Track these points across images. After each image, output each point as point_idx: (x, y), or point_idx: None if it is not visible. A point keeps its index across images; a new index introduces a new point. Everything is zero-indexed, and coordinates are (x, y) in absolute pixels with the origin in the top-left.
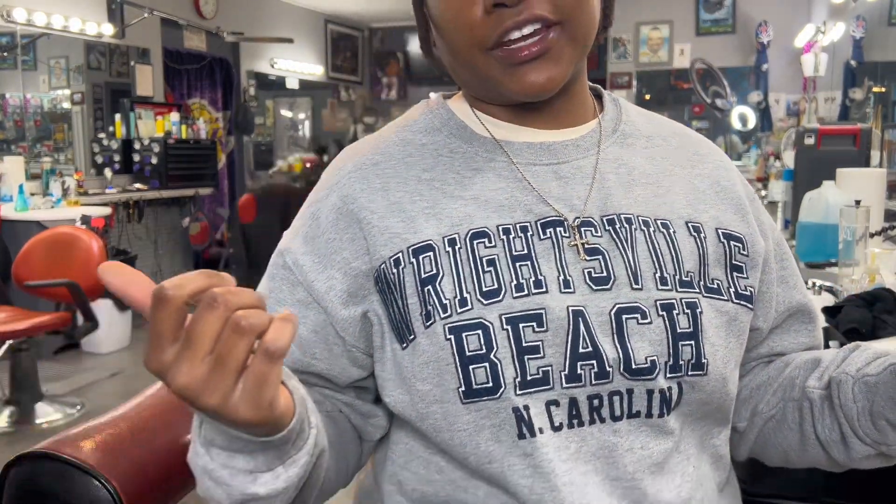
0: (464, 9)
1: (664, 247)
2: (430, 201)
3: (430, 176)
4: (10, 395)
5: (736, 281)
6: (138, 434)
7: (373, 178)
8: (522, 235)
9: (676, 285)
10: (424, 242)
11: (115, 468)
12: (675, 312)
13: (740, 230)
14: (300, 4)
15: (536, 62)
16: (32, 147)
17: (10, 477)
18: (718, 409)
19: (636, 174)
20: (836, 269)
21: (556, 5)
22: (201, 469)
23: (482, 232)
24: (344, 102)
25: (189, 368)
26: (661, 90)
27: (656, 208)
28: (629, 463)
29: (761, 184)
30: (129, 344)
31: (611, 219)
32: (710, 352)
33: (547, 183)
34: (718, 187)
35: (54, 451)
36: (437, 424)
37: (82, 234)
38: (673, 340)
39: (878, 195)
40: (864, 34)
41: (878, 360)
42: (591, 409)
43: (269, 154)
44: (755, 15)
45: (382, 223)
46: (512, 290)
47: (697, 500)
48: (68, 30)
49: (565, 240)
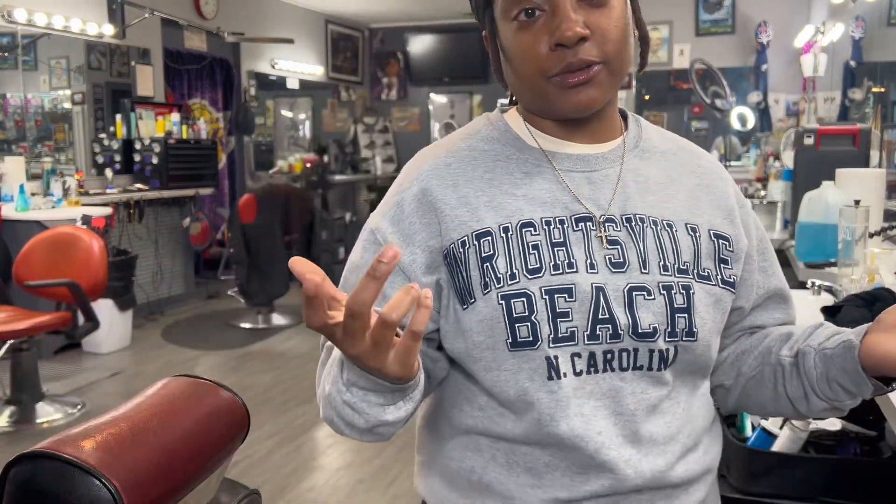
0: (534, 46)
1: (667, 242)
2: (489, 196)
3: (490, 176)
4: (11, 395)
5: (722, 271)
6: (139, 434)
7: (446, 176)
8: (560, 227)
9: (675, 272)
10: (485, 229)
11: (116, 468)
12: (674, 292)
13: (728, 231)
14: (300, 5)
15: (582, 87)
16: (33, 147)
17: (10, 476)
18: (704, 366)
19: (650, 182)
20: (835, 269)
21: (603, 50)
22: (342, 402)
23: (529, 223)
24: (344, 102)
25: (357, 342)
26: (661, 90)
27: (663, 211)
28: (630, 403)
29: (761, 184)
30: (129, 344)
31: (628, 217)
32: (700, 323)
33: (581, 186)
34: (713, 196)
35: (55, 450)
36: (487, 365)
37: (83, 234)
38: (671, 313)
39: (878, 195)
40: (864, 34)
41: (835, 337)
42: (605, 361)
43: (269, 154)
44: (755, 15)
45: (453, 212)
46: (550, 269)
47: (685, 435)
48: (69, 30)
49: (593, 232)
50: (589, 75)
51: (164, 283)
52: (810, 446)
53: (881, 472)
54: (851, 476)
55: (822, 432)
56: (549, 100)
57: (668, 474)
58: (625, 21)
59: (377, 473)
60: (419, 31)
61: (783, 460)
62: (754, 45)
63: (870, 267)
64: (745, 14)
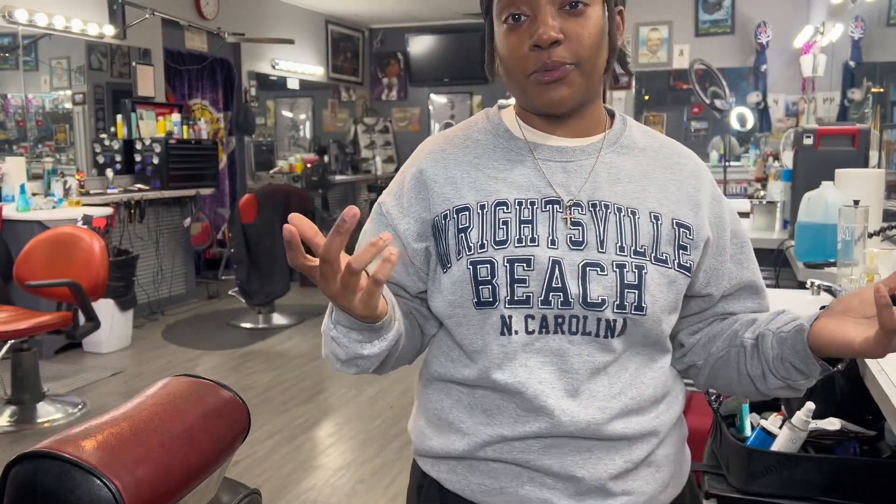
0: (517, 46)
1: (628, 226)
2: (473, 178)
3: (477, 161)
4: (12, 395)
5: (680, 256)
6: (139, 433)
7: (439, 160)
8: (530, 207)
9: (631, 253)
10: (465, 205)
11: (117, 467)
12: (626, 270)
13: (690, 221)
14: (301, 5)
15: (555, 85)
16: (34, 147)
17: (11, 476)
18: (657, 341)
19: (623, 174)
20: (834, 269)
21: (575, 53)
22: (331, 337)
23: (504, 202)
24: (344, 103)
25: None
26: (661, 91)
27: (630, 200)
28: (576, 363)
29: (760, 184)
30: (130, 344)
31: (594, 203)
32: (650, 300)
33: (556, 174)
34: (683, 190)
35: (56, 450)
36: (458, 321)
37: (84, 234)
38: (621, 288)
39: (877, 195)
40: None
41: (791, 322)
42: (556, 325)
43: (269, 154)
44: (754, 16)
45: (441, 190)
46: (514, 242)
47: (628, 397)
48: (70, 30)
49: (559, 214)
50: (561, 74)
51: (164, 283)
52: (809, 446)
53: (880, 472)
54: (851, 476)
55: (821, 432)
56: (529, 95)
57: (603, 427)
58: (600, 30)
59: (377, 473)
60: (419, 32)
61: (782, 460)
62: (754, 46)
63: (869, 267)
64: (745, 14)
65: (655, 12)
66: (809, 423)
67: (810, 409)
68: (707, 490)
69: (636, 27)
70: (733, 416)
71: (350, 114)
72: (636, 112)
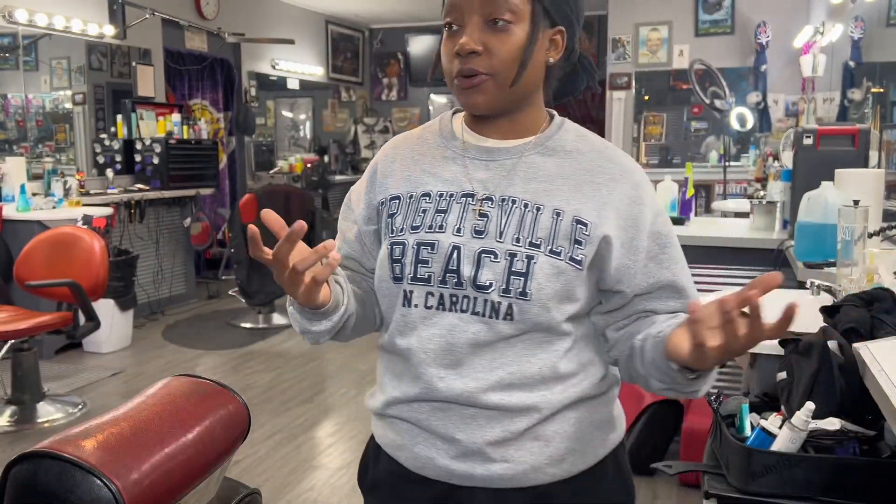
0: (448, 53)
1: (528, 221)
2: (410, 172)
3: (419, 158)
4: (12, 395)
5: (574, 250)
6: (139, 433)
7: (391, 155)
8: (448, 199)
9: (525, 244)
10: (397, 194)
11: (117, 467)
12: (516, 259)
13: (590, 219)
14: (301, 5)
15: (470, 91)
16: (34, 147)
17: (11, 476)
18: (550, 327)
19: (539, 174)
20: (834, 269)
21: (490, 65)
22: (290, 314)
23: (428, 193)
24: (344, 103)
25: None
26: (660, 91)
27: (538, 197)
28: (462, 338)
29: (760, 184)
30: (130, 344)
31: (504, 199)
32: (536, 288)
33: (478, 171)
34: (597, 192)
35: (56, 450)
36: (383, 294)
37: (84, 234)
38: (508, 275)
39: (877, 195)
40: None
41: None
42: (451, 303)
43: (270, 154)
44: (754, 16)
45: (384, 181)
46: (426, 228)
47: (507, 373)
48: (70, 30)
49: (471, 206)
50: (474, 82)
51: (164, 283)
52: (809, 446)
53: (880, 472)
54: (850, 475)
55: (821, 432)
56: (455, 96)
57: (478, 396)
58: (521, 47)
59: None
60: (419, 32)
61: (782, 460)
62: (753, 46)
63: (869, 267)
64: (745, 14)
65: (655, 12)
66: (809, 422)
67: (810, 409)
68: (707, 490)
69: (636, 27)
70: (733, 416)
71: (350, 114)
72: (636, 112)
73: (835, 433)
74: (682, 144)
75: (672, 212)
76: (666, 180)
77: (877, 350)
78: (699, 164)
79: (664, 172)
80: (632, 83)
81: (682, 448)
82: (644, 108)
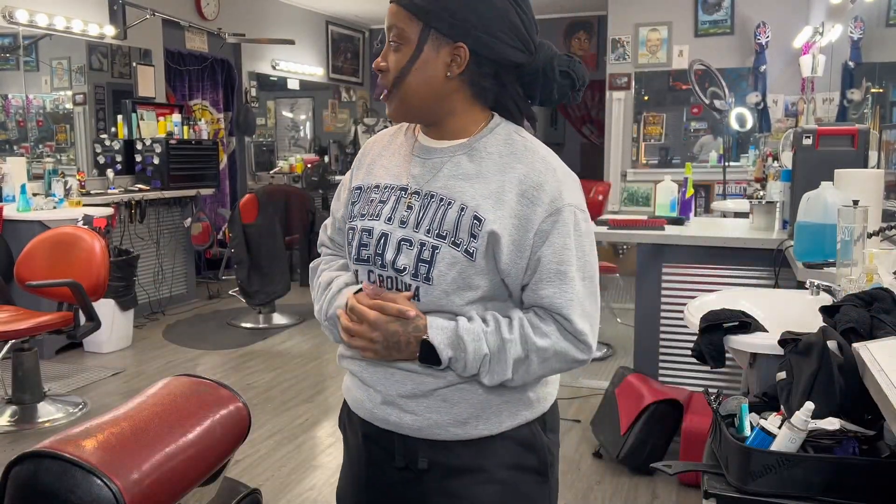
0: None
1: (440, 214)
2: (374, 166)
3: (384, 153)
4: (13, 395)
5: (469, 243)
6: (140, 433)
7: (367, 150)
8: (389, 191)
9: (434, 235)
10: (359, 185)
11: (117, 467)
12: (424, 248)
13: (486, 216)
14: (301, 6)
15: (385, 101)
16: (35, 147)
17: (12, 475)
18: (449, 310)
19: (460, 173)
20: (834, 269)
21: (388, 80)
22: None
23: (377, 185)
24: (345, 103)
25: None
26: (660, 91)
27: (452, 193)
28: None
29: (759, 184)
30: (130, 344)
31: (427, 193)
32: (437, 274)
33: (416, 168)
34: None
35: (56, 450)
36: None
37: (84, 235)
38: (417, 261)
39: (876, 195)
40: (863, 35)
41: None
42: (380, 281)
43: (270, 155)
44: (753, 16)
45: (358, 172)
46: (369, 216)
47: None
48: (70, 31)
49: (403, 199)
50: (384, 95)
51: (165, 283)
52: (809, 446)
53: (880, 472)
54: (850, 475)
55: (820, 432)
56: None
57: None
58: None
59: None
60: None
61: (782, 459)
62: (753, 46)
63: (868, 267)
64: (744, 15)
65: (655, 13)
66: (809, 422)
67: (810, 408)
68: (706, 490)
69: (635, 27)
70: (733, 416)
71: (350, 114)
72: (636, 112)
73: (834, 433)
74: (682, 145)
75: (672, 212)
76: (665, 180)
77: (876, 350)
78: (698, 164)
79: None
80: (631, 83)
81: (682, 448)
82: (644, 109)
